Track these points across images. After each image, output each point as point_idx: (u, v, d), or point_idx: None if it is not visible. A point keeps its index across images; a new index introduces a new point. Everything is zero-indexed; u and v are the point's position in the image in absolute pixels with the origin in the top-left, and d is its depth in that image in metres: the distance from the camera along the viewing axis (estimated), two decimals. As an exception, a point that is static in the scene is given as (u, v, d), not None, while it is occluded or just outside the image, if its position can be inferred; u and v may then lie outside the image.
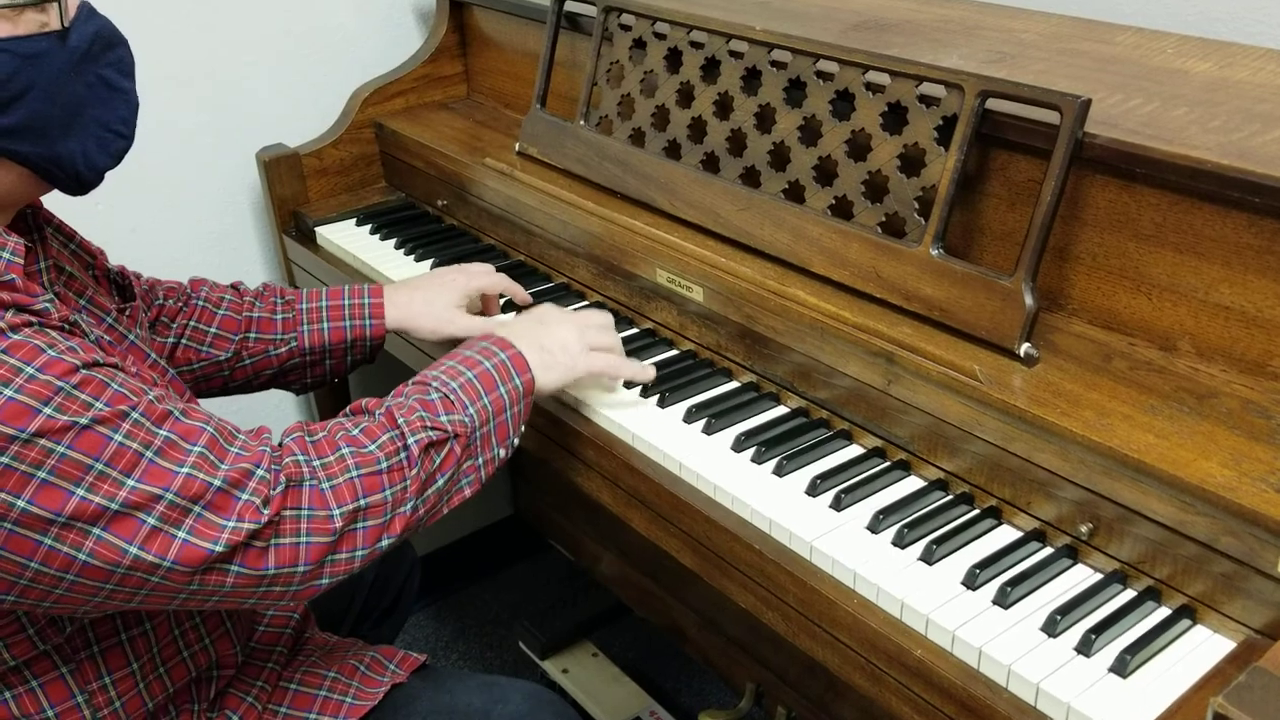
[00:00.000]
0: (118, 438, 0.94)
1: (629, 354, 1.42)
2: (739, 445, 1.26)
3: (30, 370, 0.91)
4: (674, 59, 1.53)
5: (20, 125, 0.98)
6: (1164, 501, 0.99)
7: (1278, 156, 1.05)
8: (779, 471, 1.22)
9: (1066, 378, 1.12)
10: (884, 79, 1.27)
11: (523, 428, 1.22)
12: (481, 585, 2.57)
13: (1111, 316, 1.18)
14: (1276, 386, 1.07)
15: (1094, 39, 1.41)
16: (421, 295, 1.48)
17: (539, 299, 1.59)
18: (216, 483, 0.98)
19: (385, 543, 1.09)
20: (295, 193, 1.92)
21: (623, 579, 2.25)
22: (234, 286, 1.49)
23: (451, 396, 1.16)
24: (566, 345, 1.28)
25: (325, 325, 1.46)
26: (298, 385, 1.51)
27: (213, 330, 1.43)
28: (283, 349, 1.45)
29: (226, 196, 1.98)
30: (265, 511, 1.00)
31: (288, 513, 1.02)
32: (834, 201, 1.33)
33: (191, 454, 0.98)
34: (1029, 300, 1.14)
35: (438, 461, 1.13)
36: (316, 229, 1.87)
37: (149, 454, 0.96)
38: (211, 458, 0.99)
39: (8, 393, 0.90)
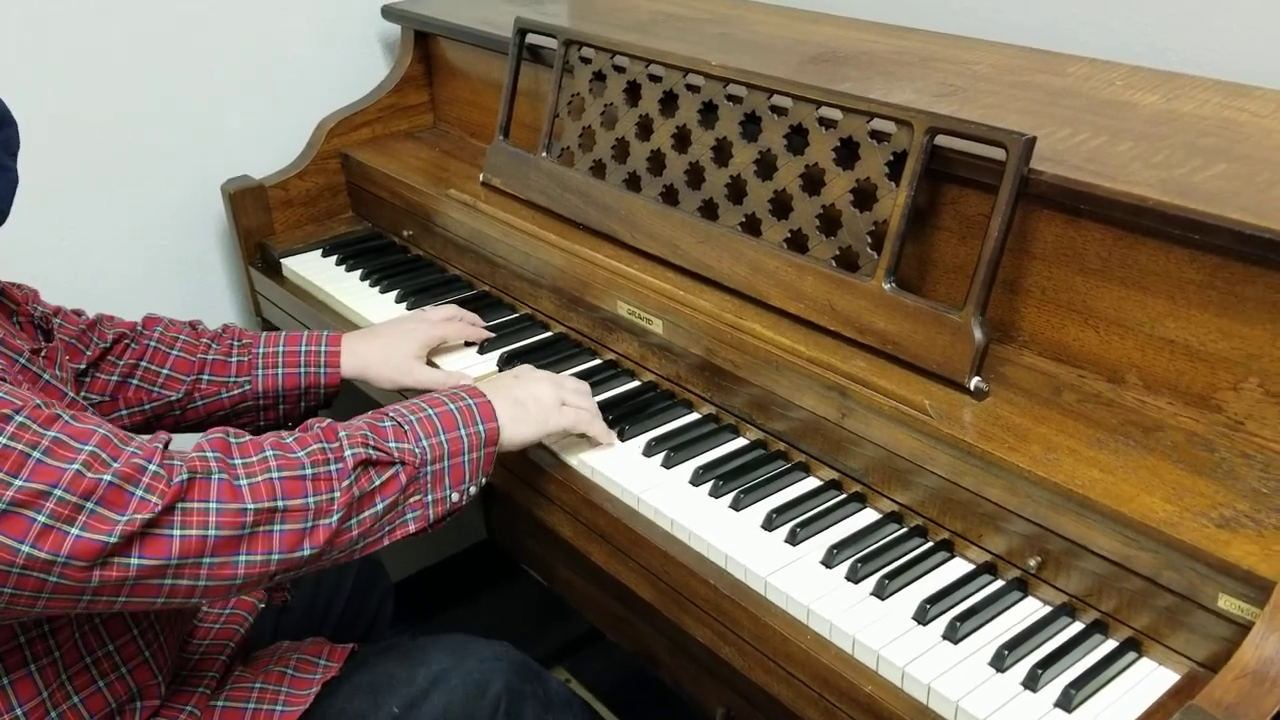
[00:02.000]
0: (1, 439, 0.95)
1: (592, 386, 1.41)
2: (697, 479, 1.27)
3: None
4: (633, 92, 1.54)
5: None
6: (1108, 536, 1.00)
7: (1218, 193, 1.06)
8: (736, 505, 1.23)
9: (1016, 411, 1.13)
10: (836, 114, 1.29)
11: (482, 479, 1.21)
12: (456, 611, 2.56)
13: (1061, 349, 1.20)
14: (1221, 419, 1.08)
15: (1046, 71, 1.43)
16: (380, 344, 1.49)
17: (503, 330, 1.60)
18: (107, 478, 0.97)
19: (306, 552, 1.06)
20: (261, 224, 1.93)
21: (595, 604, 2.25)
22: (191, 325, 1.49)
23: (405, 427, 1.16)
24: (540, 399, 1.27)
25: (280, 371, 1.46)
26: (251, 429, 1.48)
27: (165, 371, 1.44)
28: (235, 391, 1.45)
29: (192, 228, 1.98)
30: (160, 503, 0.99)
31: (194, 504, 1.01)
32: (790, 235, 1.34)
33: (82, 453, 0.98)
34: (978, 334, 1.15)
35: (377, 483, 1.11)
36: (282, 260, 1.87)
37: (35, 454, 0.96)
38: (104, 456, 0.99)
39: None
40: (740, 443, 1.34)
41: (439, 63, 2.04)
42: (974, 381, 1.15)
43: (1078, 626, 1.04)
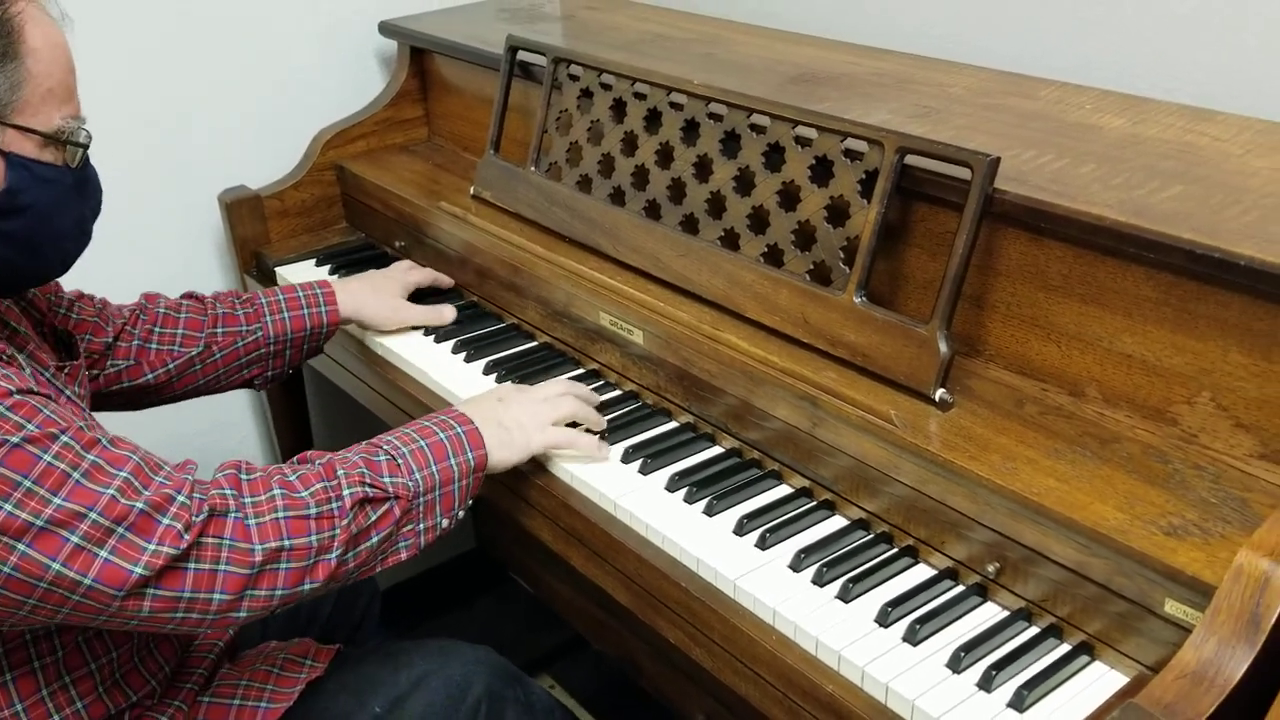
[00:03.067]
0: (46, 458, 1.00)
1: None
2: (673, 485, 1.31)
3: None
4: (619, 109, 1.58)
5: (15, 232, 1.08)
6: (1063, 543, 1.03)
7: (1174, 213, 1.10)
8: (709, 511, 1.26)
9: (978, 422, 1.17)
10: (812, 133, 1.33)
11: (469, 501, 1.26)
12: (444, 618, 2.59)
13: (1025, 363, 1.24)
14: (1176, 432, 1.12)
15: (1018, 94, 1.47)
16: (369, 285, 1.67)
17: (490, 339, 1.64)
18: (139, 506, 1.03)
19: (307, 587, 1.12)
20: (257, 233, 1.97)
21: (581, 612, 2.28)
22: (189, 293, 1.59)
23: (399, 460, 1.21)
24: (523, 423, 1.32)
25: (286, 315, 1.58)
26: (260, 379, 1.61)
27: (180, 331, 1.53)
28: (250, 339, 1.56)
29: (190, 237, 2.02)
30: (186, 537, 1.05)
31: (209, 540, 1.07)
32: (766, 249, 1.38)
33: (117, 478, 1.04)
34: (943, 347, 1.19)
35: (373, 518, 1.17)
36: (276, 269, 1.91)
37: (76, 475, 1.01)
38: (136, 483, 1.05)
39: None
40: (716, 451, 1.38)
41: (434, 78, 2.08)
42: (939, 393, 1.19)
43: (1033, 631, 1.08)
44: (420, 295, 1.75)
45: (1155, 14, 1.48)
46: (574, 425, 1.38)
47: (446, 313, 1.68)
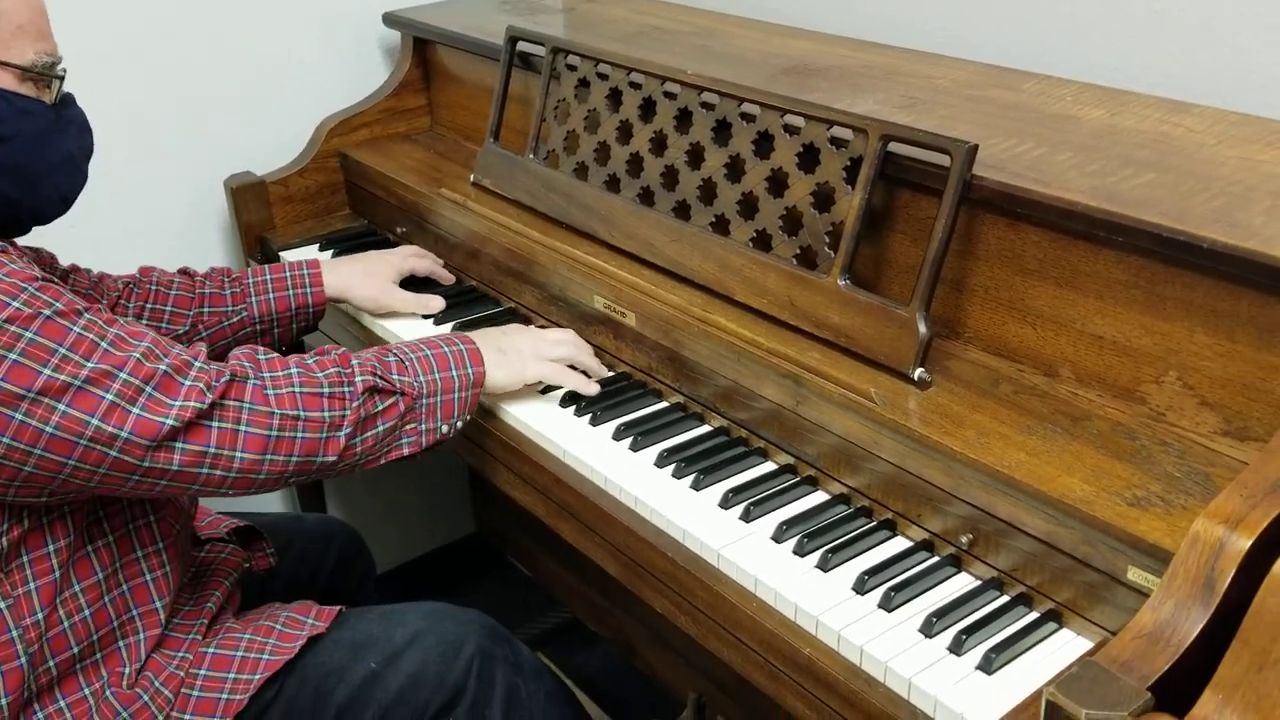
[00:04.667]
0: (76, 329, 1.12)
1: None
2: (661, 461, 1.35)
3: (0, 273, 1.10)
4: (615, 98, 1.62)
5: (2, 160, 1.18)
6: (1032, 514, 1.08)
7: (1145, 199, 1.15)
8: (696, 486, 1.30)
9: (955, 400, 1.21)
10: (800, 122, 1.37)
11: (468, 415, 1.37)
12: (442, 601, 2.63)
13: (1002, 344, 1.28)
14: (1144, 410, 1.16)
15: (1002, 86, 1.52)
16: (360, 267, 1.71)
17: (488, 323, 1.68)
18: (162, 368, 1.15)
19: (319, 460, 1.23)
20: (261, 219, 2.02)
21: (577, 594, 2.33)
22: (182, 270, 1.65)
23: (407, 363, 1.33)
24: (520, 351, 1.43)
25: (271, 295, 1.64)
26: None
27: (168, 309, 1.60)
28: (235, 319, 1.62)
29: (195, 221, 2.07)
30: (209, 395, 1.16)
31: (230, 401, 1.18)
32: (755, 234, 1.42)
33: (140, 346, 1.15)
34: (922, 328, 1.23)
35: (380, 407, 1.28)
36: (281, 254, 1.95)
37: (104, 344, 1.13)
38: (157, 351, 1.16)
39: None
40: (704, 429, 1.42)
41: (436, 68, 2.12)
42: (918, 372, 1.23)
43: (1004, 599, 1.12)
44: (421, 283, 1.80)
45: (1138, 10, 1.52)
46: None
47: (434, 303, 1.71)
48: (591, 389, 1.46)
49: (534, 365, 1.43)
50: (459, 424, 1.36)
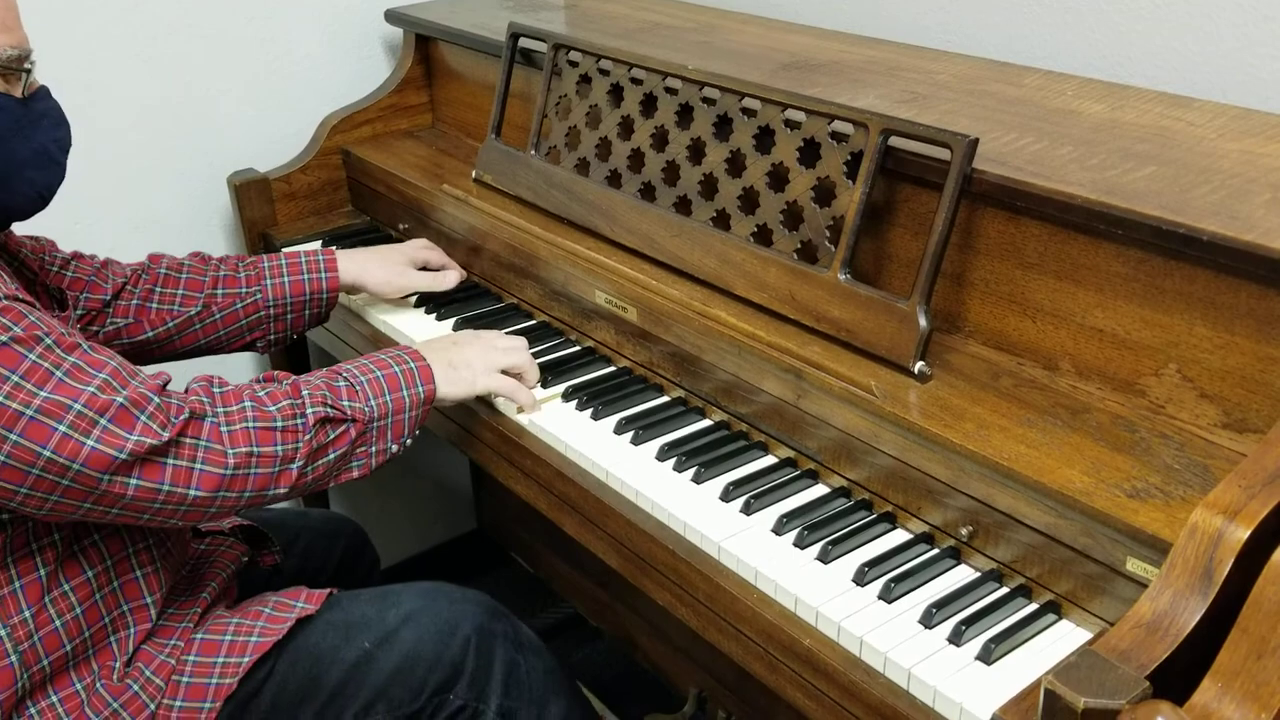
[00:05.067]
0: (31, 357, 1.10)
1: (570, 370, 1.54)
2: (662, 455, 1.35)
3: None
4: (616, 94, 1.63)
5: None
6: (1031, 506, 1.08)
7: (1144, 192, 1.15)
8: (697, 479, 1.31)
9: (955, 394, 1.21)
10: (800, 116, 1.37)
11: (417, 431, 1.37)
12: (445, 594, 2.64)
13: (1002, 338, 1.28)
14: (1144, 403, 1.17)
15: (1004, 80, 1.52)
16: (375, 254, 1.72)
17: (490, 319, 1.69)
18: (119, 400, 1.13)
19: (271, 492, 1.23)
20: (264, 215, 2.02)
21: (579, 590, 2.34)
22: (194, 254, 1.65)
23: (358, 387, 1.32)
24: (471, 364, 1.43)
25: (286, 279, 1.63)
26: (262, 342, 1.66)
27: (180, 291, 1.60)
28: (249, 300, 1.62)
29: (199, 218, 2.07)
30: (165, 433, 1.14)
31: (187, 440, 1.17)
32: (756, 229, 1.42)
33: (97, 378, 1.13)
34: (922, 322, 1.23)
35: (332, 436, 1.27)
36: (283, 250, 1.96)
37: (59, 373, 1.11)
38: (114, 384, 1.14)
39: None
40: (705, 424, 1.42)
41: (438, 65, 2.13)
42: (918, 365, 1.24)
43: (1003, 590, 1.13)
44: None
45: (1140, 4, 1.52)
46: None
47: (449, 278, 1.73)
48: (537, 407, 1.47)
49: (483, 378, 1.43)
50: (408, 442, 1.36)
